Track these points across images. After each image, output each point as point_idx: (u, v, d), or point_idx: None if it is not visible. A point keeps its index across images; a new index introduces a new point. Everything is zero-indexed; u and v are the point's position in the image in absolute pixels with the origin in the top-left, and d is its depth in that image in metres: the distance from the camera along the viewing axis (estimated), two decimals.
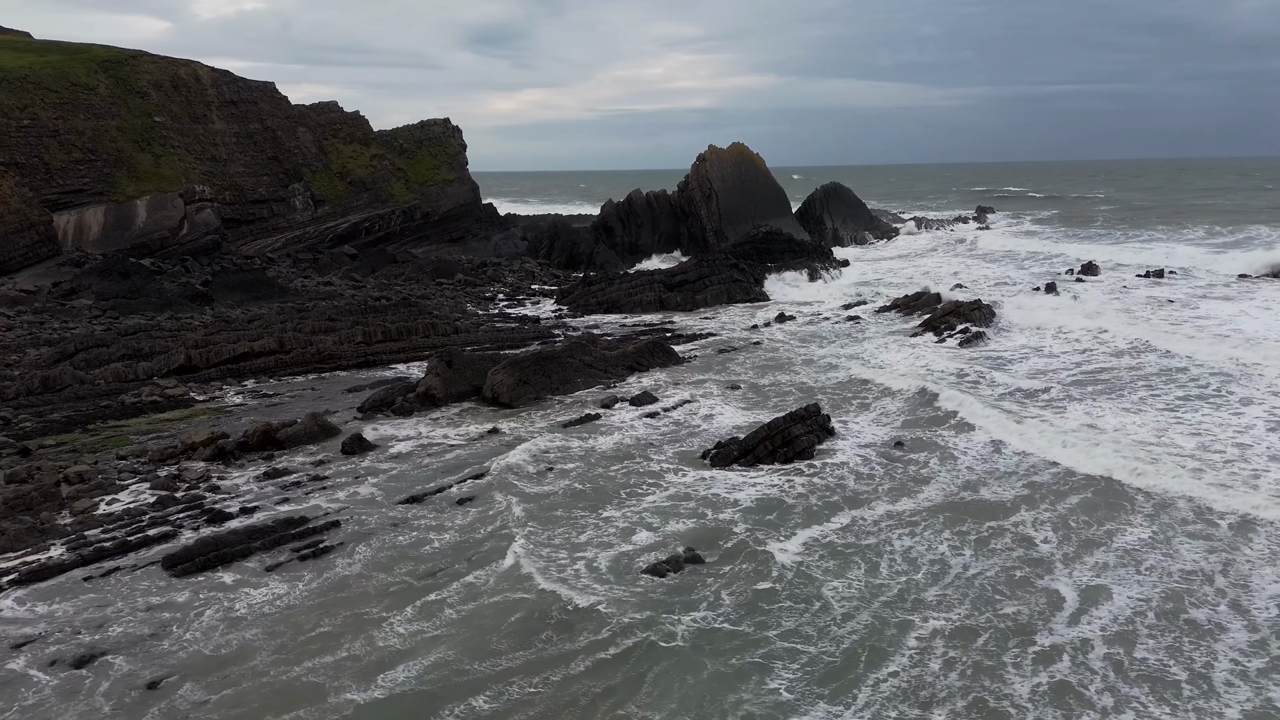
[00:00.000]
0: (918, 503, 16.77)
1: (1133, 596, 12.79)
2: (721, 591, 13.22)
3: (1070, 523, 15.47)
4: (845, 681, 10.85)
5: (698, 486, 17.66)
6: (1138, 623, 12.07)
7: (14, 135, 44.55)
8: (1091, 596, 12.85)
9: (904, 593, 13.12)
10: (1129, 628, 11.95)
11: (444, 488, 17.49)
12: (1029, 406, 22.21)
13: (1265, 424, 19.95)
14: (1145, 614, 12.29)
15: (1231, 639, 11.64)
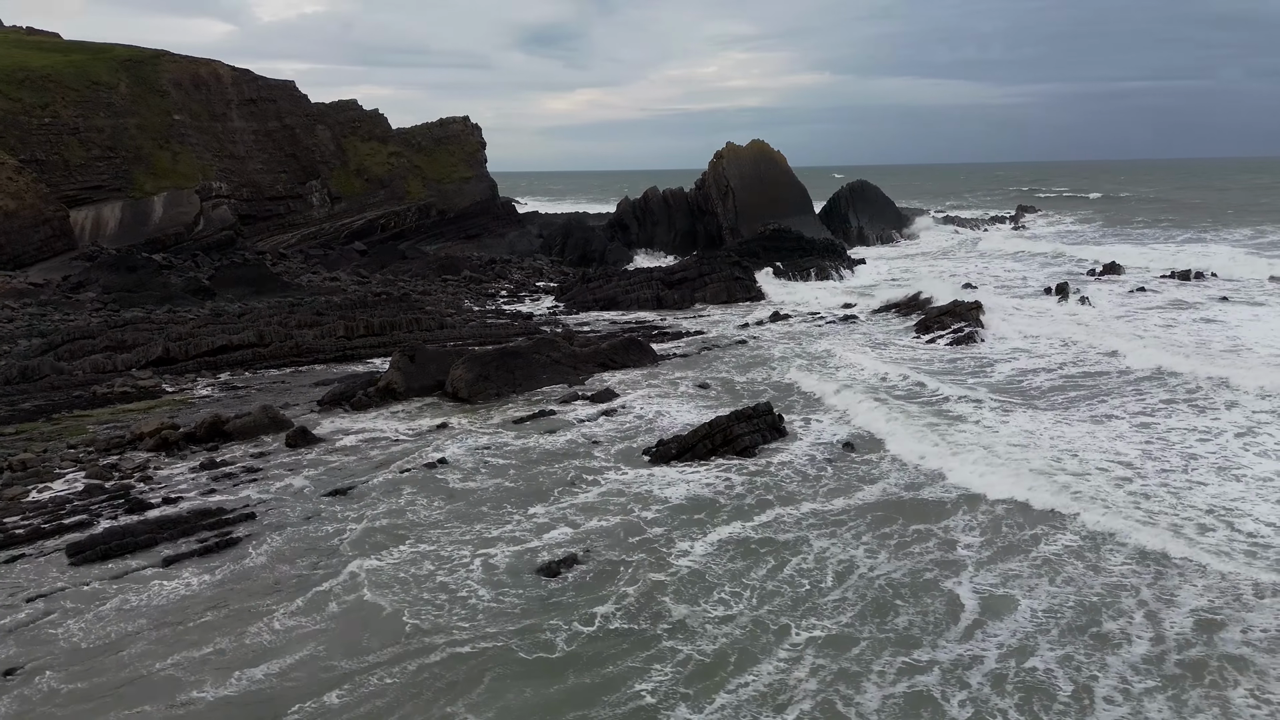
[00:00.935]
0: (852, 502, 16.32)
1: (1042, 606, 12.20)
2: (613, 591, 12.90)
3: (1003, 527, 14.89)
4: (709, 684, 10.49)
5: (633, 484, 17.35)
6: (1039, 635, 11.47)
7: (35, 133, 45.79)
8: (995, 606, 12.29)
9: (799, 595, 12.68)
10: (1028, 641, 11.36)
11: (373, 481, 17.41)
12: (976, 412, 21.48)
13: (1202, 442, 18.94)
14: (1050, 626, 11.69)
15: (1131, 653, 11.02)
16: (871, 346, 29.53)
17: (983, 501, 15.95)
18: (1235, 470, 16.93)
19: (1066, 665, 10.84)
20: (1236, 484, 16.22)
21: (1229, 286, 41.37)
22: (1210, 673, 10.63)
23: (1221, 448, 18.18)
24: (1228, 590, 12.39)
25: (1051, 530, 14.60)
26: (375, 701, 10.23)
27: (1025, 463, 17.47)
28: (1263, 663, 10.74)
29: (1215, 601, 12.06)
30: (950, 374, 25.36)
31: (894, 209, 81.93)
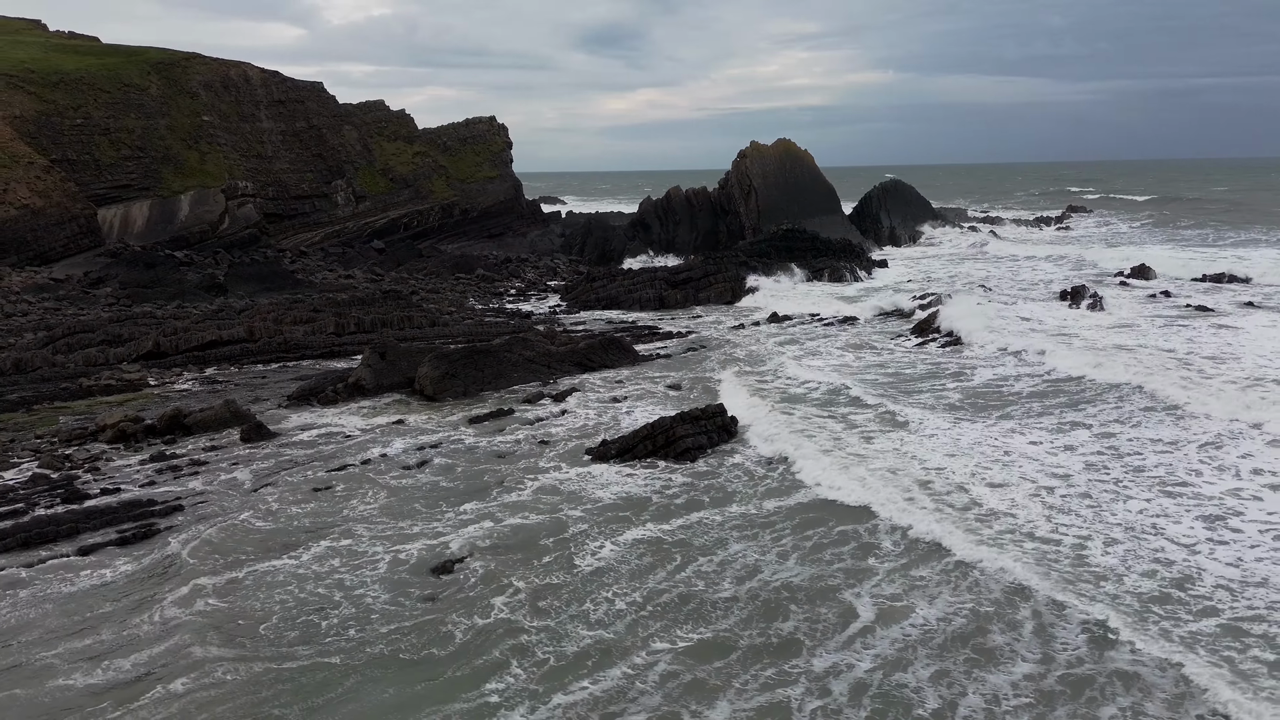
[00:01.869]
0: (784, 503, 16.04)
1: (937, 615, 11.81)
2: (506, 589, 12.84)
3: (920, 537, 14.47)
4: (553, 684, 10.38)
5: (568, 483, 17.28)
6: (920, 647, 11.11)
7: (67, 133, 47.36)
8: (889, 615, 11.94)
9: (689, 598, 12.50)
10: (907, 653, 11.01)
11: (311, 476, 17.59)
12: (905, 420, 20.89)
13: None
14: (936, 638, 11.31)
15: (1012, 671, 10.59)
16: (851, 349, 28.99)
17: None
18: (1138, 495, 16.21)
19: (939, 680, 10.48)
20: (1149, 504, 15.49)
21: (1263, 292, 39.72)
22: (1093, 689, 10.18)
23: (1137, 472, 17.28)
24: (1126, 608, 11.85)
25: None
26: (219, 691, 10.29)
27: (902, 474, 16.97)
28: (1151, 680, 10.25)
29: (1109, 619, 11.54)
30: (897, 382, 24.59)
31: (929, 209, 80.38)
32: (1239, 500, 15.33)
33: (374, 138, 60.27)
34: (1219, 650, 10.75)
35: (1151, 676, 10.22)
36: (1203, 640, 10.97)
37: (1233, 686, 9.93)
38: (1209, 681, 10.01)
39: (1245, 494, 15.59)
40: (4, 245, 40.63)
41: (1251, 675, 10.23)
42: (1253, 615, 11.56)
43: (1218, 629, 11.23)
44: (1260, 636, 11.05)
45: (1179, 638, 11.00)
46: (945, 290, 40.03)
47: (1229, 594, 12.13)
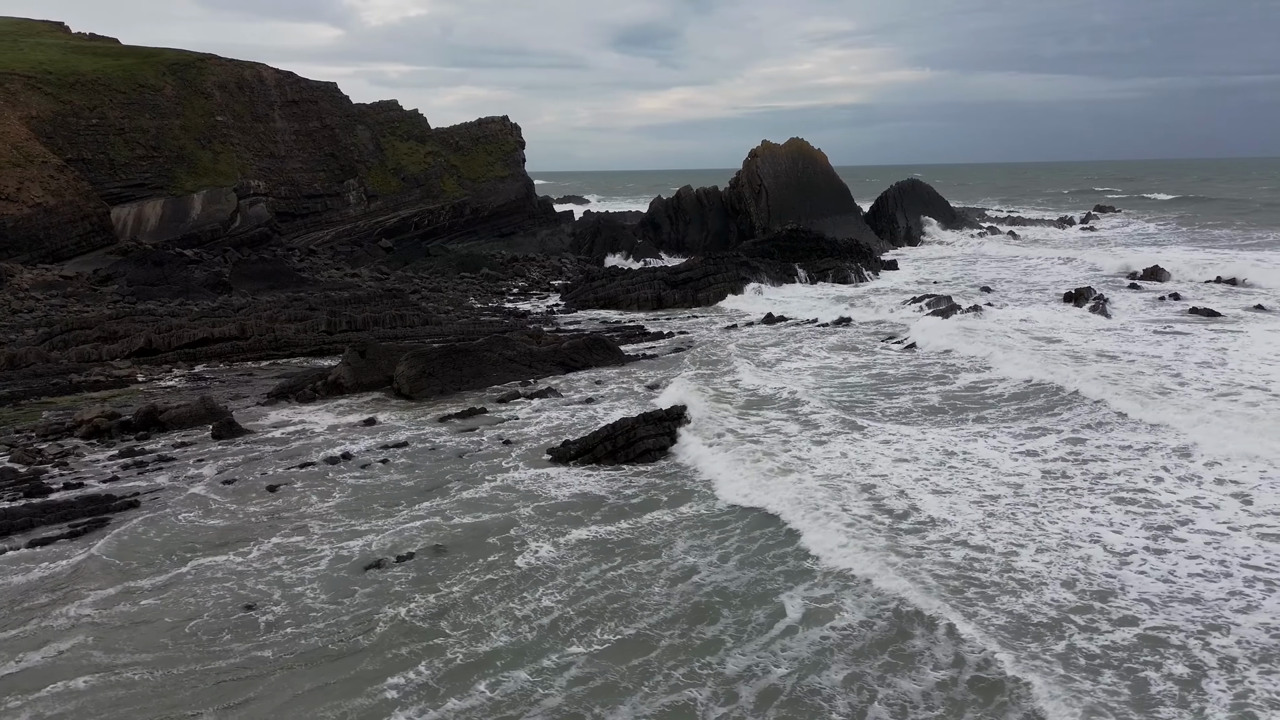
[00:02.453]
0: (743, 503, 15.98)
1: (859, 619, 11.68)
2: (440, 587, 12.90)
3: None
4: (456, 684, 10.39)
5: (526, 483, 17.33)
6: (839, 651, 10.99)
7: (83, 133, 48.24)
8: (817, 616, 11.82)
9: (617, 597, 12.48)
10: (825, 656, 10.89)
11: (273, 473, 17.77)
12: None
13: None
14: (856, 642, 11.18)
15: (925, 676, 10.45)
16: (835, 350, 28.74)
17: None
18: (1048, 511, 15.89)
19: (851, 684, 10.36)
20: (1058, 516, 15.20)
21: (1277, 295, 38.84)
22: (1003, 694, 10.02)
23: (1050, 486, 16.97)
24: (1053, 607, 11.64)
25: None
26: (126, 691, 10.40)
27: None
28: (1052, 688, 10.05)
29: (1036, 615, 11.34)
30: (868, 387, 24.38)
31: (947, 208, 79.59)
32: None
33: (386, 137, 60.78)
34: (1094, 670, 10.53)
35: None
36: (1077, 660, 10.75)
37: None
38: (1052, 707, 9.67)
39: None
40: (17, 243, 41.48)
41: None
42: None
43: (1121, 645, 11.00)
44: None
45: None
46: (947, 293, 39.58)
47: (1149, 606, 11.88)
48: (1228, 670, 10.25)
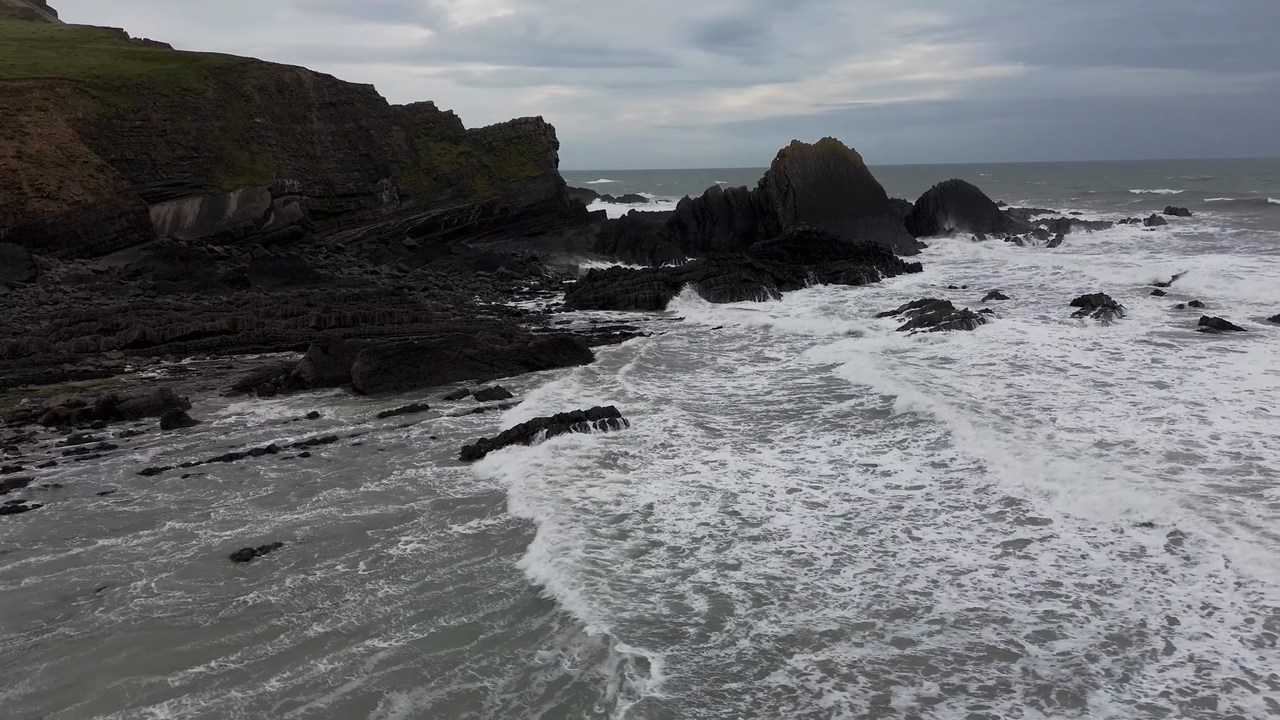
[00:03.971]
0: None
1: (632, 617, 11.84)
2: (292, 576, 13.48)
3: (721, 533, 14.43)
4: (281, 668, 10.92)
5: (432, 478, 17.86)
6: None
7: (127, 135, 50.74)
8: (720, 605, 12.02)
9: (468, 589, 12.94)
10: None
11: (194, 464, 18.66)
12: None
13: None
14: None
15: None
16: (741, 363, 28.53)
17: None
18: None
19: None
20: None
21: None
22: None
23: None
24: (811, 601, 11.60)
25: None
26: None
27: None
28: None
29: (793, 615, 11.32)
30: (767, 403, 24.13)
31: (993, 210, 77.66)
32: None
33: (421, 138, 62.26)
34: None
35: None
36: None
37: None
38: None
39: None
40: (56, 238, 43.92)
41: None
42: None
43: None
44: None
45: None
46: (949, 299, 38.77)
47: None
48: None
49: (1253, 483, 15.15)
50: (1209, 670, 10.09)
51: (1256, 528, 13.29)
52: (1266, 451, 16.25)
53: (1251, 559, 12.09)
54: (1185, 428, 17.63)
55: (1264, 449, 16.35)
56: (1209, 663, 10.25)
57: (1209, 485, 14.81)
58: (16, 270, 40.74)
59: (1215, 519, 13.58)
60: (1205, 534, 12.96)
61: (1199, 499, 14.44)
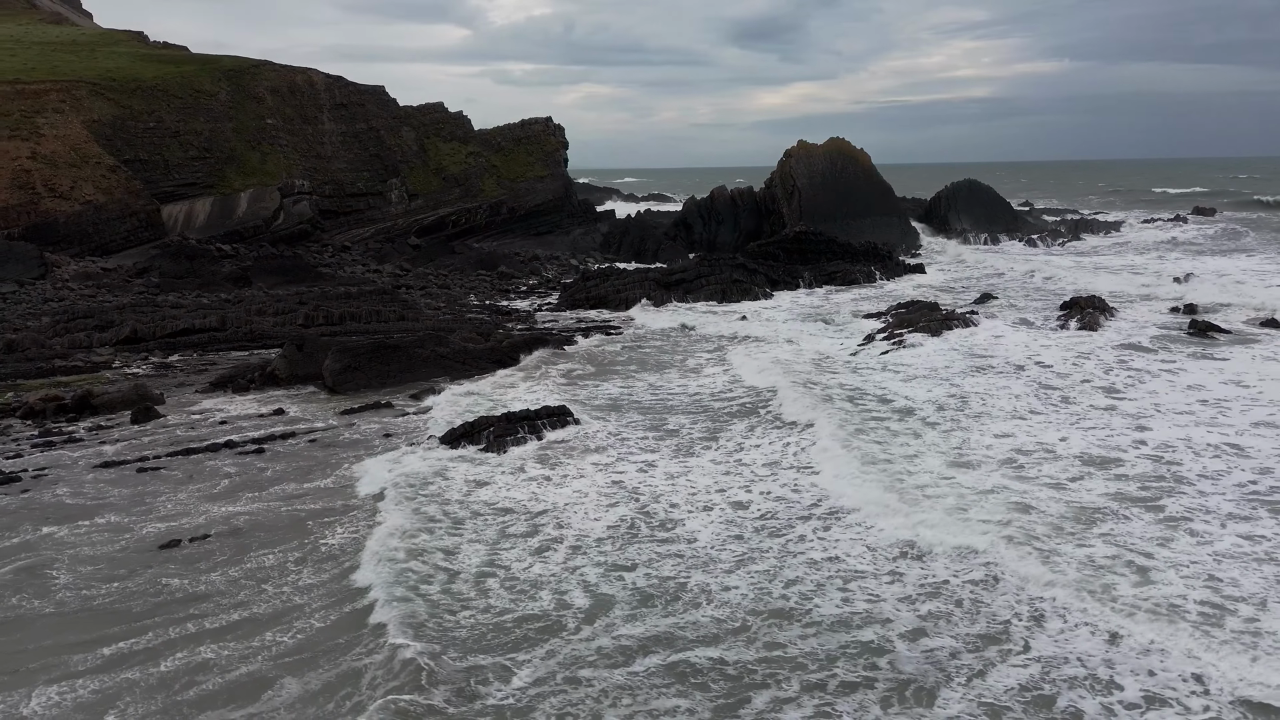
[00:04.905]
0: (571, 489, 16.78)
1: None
2: (210, 564, 14.03)
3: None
4: (160, 652, 11.43)
5: (377, 472, 18.31)
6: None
7: (140, 136, 52.08)
8: (603, 602, 12.35)
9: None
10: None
11: (151, 458, 19.32)
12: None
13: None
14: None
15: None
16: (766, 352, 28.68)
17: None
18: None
19: None
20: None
21: None
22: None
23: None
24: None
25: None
26: None
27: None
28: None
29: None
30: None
31: (1007, 211, 76.87)
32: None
33: (430, 138, 63.09)
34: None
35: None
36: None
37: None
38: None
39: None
40: (69, 237, 45.24)
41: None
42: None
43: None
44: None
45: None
46: (936, 300, 38.68)
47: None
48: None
49: (1155, 490, 15.10)
50: (1055, 666, 10.23)
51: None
52: (1189, 458, 16.13)
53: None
54: (1107, 434, 17.50)
55: (1182, 455, 16.23)
56: (1059, 658, 10.37)
57: (1106, 494, 14.72)
58: (27, 268, 42.04)
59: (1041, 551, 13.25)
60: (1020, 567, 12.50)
61: (1088, 510, 14.35)
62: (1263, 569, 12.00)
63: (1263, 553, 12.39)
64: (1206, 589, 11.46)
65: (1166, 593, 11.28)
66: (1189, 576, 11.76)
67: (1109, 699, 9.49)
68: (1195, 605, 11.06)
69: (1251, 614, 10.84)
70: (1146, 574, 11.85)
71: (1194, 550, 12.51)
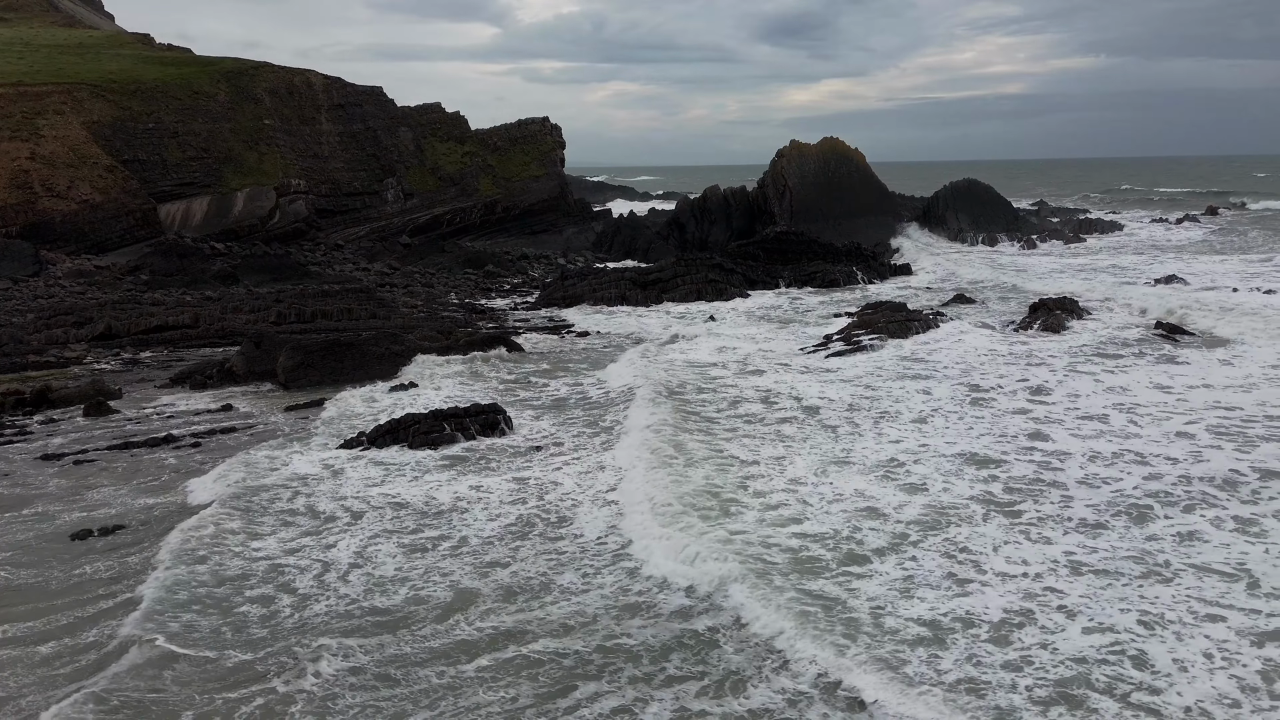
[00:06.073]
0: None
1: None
2: (117, 554, 14.69)
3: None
4: (50, 638, 12.09)
5: (298, 466, 18.90)
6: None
7: (140, 136, 53.28)
8: (466, 596, 12.83)
9: (219, 572, 13.88)
10: None
11: (91, 451, 20.08)
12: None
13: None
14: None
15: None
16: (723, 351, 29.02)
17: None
18: None
19: None
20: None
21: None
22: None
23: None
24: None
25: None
26: None
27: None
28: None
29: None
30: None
31: (1007, 210, 76.35)
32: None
33: (427, 138, 63.93)
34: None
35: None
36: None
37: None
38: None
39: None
40: (64, 235, 46.44)
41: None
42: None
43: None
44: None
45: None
46: (902, 301, 38.81)
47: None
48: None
49: (1022, 495, 15.17)
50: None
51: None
52: (1076, 465, 16.25)
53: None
54: (1002, 438, 17.66)
55: (1072, 462, 16.39)
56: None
57: (966, 498, 14.78)
58: (22, 265, 43.23)
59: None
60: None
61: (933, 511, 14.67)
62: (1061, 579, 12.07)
63: (1074, 562, 12.29)
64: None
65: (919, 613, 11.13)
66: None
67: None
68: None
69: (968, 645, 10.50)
70: (909, 593, 11.80)
71: (1010, 557, 12.65)
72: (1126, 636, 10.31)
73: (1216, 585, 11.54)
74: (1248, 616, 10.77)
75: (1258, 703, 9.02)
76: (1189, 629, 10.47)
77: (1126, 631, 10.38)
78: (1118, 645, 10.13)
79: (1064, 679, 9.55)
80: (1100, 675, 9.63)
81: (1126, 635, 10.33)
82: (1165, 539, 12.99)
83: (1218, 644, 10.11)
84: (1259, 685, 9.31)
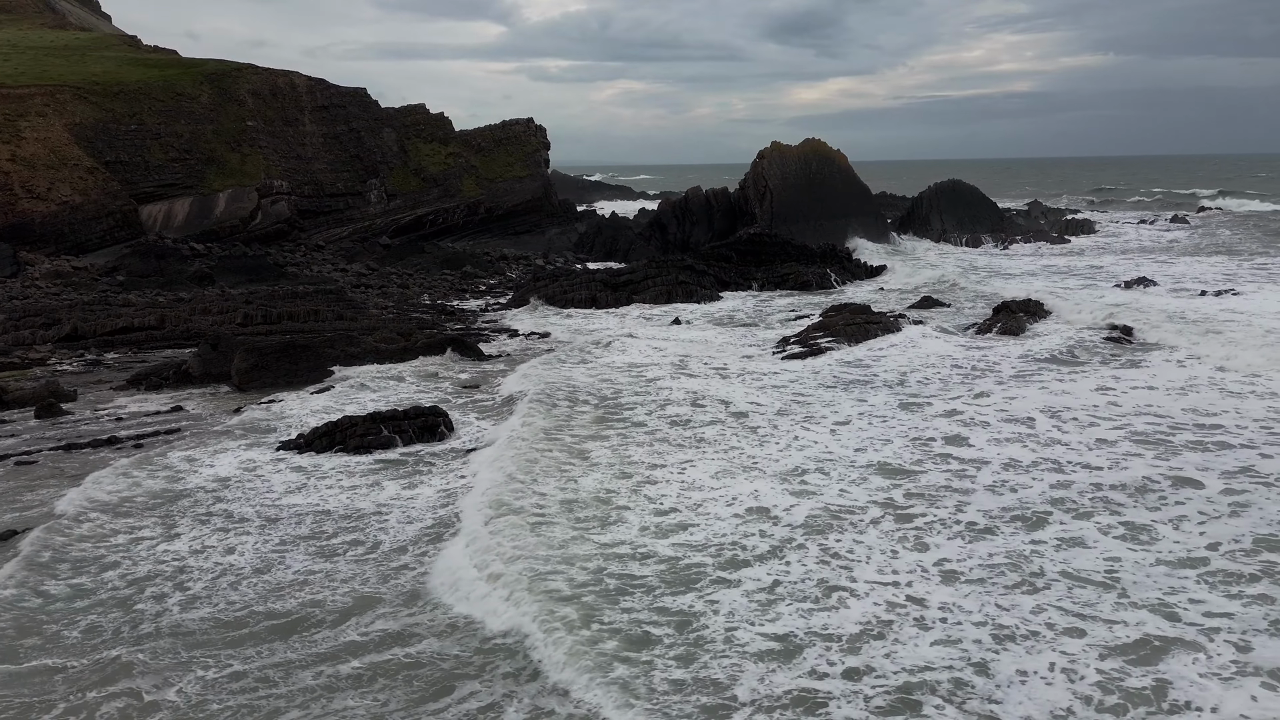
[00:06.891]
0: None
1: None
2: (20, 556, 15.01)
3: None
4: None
5: (232, 466, 19.21)
6: None
7: (122, 138, 53.65)
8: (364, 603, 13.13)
9: (183, 569, 14.20)
10: None
11: (34, 452, 20.41)
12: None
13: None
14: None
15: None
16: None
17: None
18: None
19: None
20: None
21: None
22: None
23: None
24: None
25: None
26: None
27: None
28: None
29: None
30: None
31: (992, 211, 76.64)
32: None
33: (411, 139, 64.23)
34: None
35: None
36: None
37: None
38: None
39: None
40: (44, 237, 46.84)
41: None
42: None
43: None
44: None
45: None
46: (866, 303, 39.03)
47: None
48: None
49: (922, 500, 15.31)
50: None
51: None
52: (989, 471, 16.49)
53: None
54: (916, 443, 17.91)
55: (985, 468, 16.64)
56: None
57: (864, 503, 14.95)
58: (1, 266, 43.70)
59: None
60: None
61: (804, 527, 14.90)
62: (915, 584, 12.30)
63: (943, 570, 12.53)
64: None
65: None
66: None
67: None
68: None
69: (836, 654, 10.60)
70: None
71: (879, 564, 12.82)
72: (974, 648, 10.49)
73: (1084, 594, 11.75)
74: (1107, 628, 10.96)
75: (1086, 714, 9.24)
76: (1042, 641, 10.63)
77: (975, 643, 10.55)
78: (964, 656, 10.32)
79: (907, 685, 9.78)
80: (944, 684, 9.85)
81: (974, 646, 10.50)
82: (1048, 544, 13.21)
83: (1068, 656, 10.30)
84: (1093, 695, 9.53)
